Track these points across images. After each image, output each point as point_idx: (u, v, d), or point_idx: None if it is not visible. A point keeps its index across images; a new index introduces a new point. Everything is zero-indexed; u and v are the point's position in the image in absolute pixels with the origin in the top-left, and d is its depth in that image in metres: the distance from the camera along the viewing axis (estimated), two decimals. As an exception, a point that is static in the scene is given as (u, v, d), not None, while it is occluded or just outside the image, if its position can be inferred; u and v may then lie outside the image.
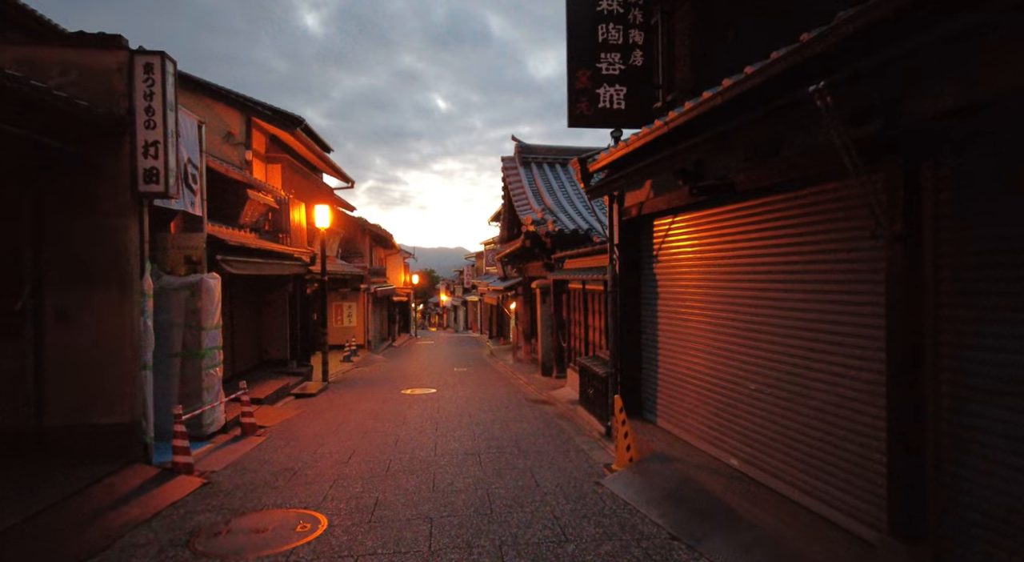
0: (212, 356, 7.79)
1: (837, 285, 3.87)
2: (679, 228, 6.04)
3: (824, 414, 3.96)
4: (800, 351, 4.23)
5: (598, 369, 7.71)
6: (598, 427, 7.65)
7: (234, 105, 13.25)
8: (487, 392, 11.59)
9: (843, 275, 3.81)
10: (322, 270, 13.47)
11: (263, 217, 11.06)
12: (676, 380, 6.14)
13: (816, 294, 4.06)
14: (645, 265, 6.87)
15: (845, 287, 3.79)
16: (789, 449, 4.34)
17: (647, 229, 6.77)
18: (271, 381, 11.57)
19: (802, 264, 4.21)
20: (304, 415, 9.59)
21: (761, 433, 4.68)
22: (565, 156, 16.47)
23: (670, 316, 6.28)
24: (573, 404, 9.47)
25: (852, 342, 3.72)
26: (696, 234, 5.72)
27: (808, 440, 4.12)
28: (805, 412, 4.16)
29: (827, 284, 3.96)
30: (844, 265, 3.80)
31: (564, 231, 11.99)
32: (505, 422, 8.43)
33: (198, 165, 7.57)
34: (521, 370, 15.39)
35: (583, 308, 10.19)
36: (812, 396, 4.09)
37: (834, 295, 3.89)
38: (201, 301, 7.57)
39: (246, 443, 7.76)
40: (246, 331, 12.35)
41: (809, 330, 4.14)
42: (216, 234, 8.33)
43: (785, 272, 4.40)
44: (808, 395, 4.13)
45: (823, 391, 3.97)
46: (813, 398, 4.08)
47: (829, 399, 3.91)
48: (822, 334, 4.00)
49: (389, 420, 8.87)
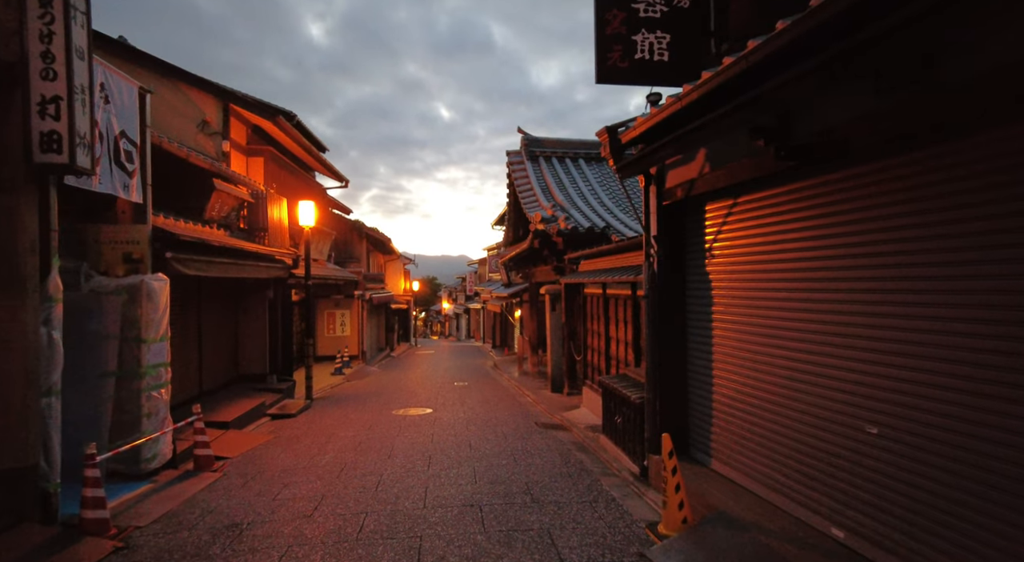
0: (156, 375, 6.36)
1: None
2: (745, 211, 4.60)
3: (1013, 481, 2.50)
4: (971, 384, 2.77)
5: (628, 392, 6.25)
6: (629, 465, 6.17)
7: (210, 91, 11.92)
8: (491, 413, 10.11)
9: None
10: (306, 273, 12.05)
11: (235, 212, 9.68)
12: (739, 411, 4.68)
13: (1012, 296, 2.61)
14: (693, 262, 5.43)
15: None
16: (942, 525, 2.87)
17: (696, 216, 5.33)
18: (244, 400, 10.12)
19: (990, 248, 2.74)
20: (276, 442, 8.13)
21: (890, 497, 3.21)
22: (576, 150, 15.08)
23: (730, 327, 4.83)
24: (593, 431, 7.99)
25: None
26: (772, 218, 4.27)
27: (984, 517, 2.65)
28: (976, 474, 2.70)
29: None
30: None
31: (578, 229, 10.56)
32: (513, 455, 6.95)
33: (136, 141, 6.17)
34: (527, 384, 13.91)
35: (603, 316, 8.73)
36: (996, 454, 2.63)
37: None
38: (142, 308, 6.16)
39: (196, 482, 6.31)
40: (218, 342, 10.93)
41: (991, 352, 2.68)
42: (166, 227, 6.92)
43: (947, 264, 2.94)
44: (986, 452, 2.67)
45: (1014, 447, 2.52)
46: (994, 457, 2.62)
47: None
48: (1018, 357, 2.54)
49: (374, 451, 7.41)
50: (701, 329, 5.30)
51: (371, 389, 13.85)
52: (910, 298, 3.12)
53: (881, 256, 3.30)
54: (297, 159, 16.20)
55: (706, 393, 5.18)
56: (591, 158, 15.02)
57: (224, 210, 9.34)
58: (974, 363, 2.75)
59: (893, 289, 3.22)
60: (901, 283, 3.17)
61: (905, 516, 3.12)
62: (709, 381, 5.13)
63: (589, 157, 15.03)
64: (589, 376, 9.67)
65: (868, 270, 3.39)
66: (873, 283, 3.36)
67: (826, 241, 3.73)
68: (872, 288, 3.37)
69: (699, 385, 5.32)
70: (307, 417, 10.10)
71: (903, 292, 3.16)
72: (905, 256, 3.15)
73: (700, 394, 5.30)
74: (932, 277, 2.99)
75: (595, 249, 8.44)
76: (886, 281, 3.27)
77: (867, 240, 3.39)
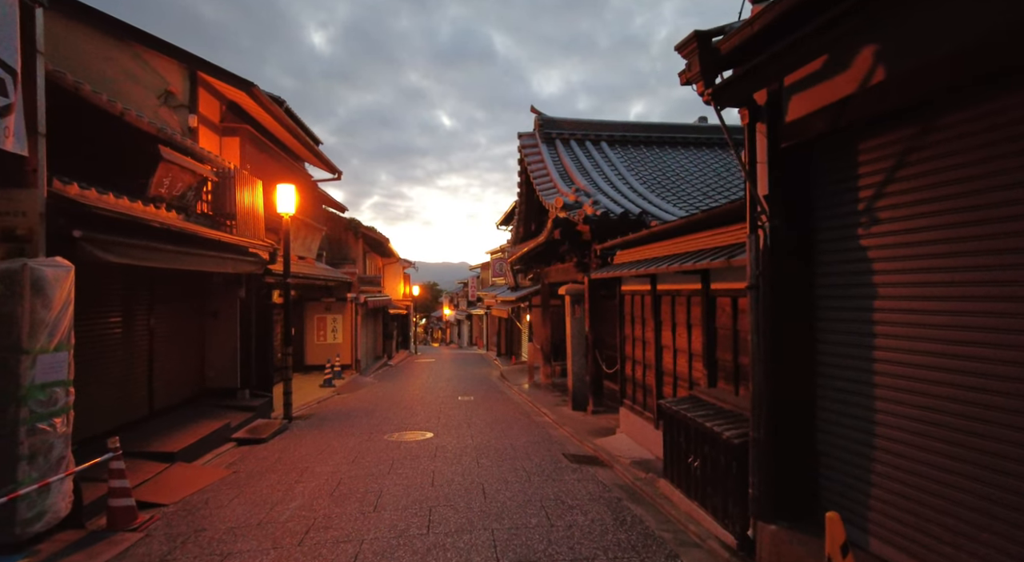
0: (48, 398, 4.55)
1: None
2: (952, 142, 2.78)
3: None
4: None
5: (711, 424, 4.40)
6: (716, 530, 4.32)
7: (174, 56, 10.16)
8: (505, 438, 8.26)
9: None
10: (284, 269, 10.23)
11: (192, 192, 7.87)
12: (931, 467, 2.84)
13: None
14: (830, 235, 3.61)
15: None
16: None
17: (842, 163, 3.51)
18: (204, 421, 8.27)
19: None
20: (233, 481, 6.29)
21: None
22: (598, 132, 13.28)
23: (914, 336, 3.00)
24: (643, 469, 6.14)
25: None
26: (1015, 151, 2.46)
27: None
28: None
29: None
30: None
31: (610, 215, 8.75)
32: (544, 508, 5.10)
33: (15, 68, 4.36)
34: (542, 399, 12.05)
35: (651, 319, 6.90)
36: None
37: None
38: (24, 304, 4.36)
39: (102, 550, 4.49)
40: (177, 352, 9.10)
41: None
42: (73, 196, 5.11)
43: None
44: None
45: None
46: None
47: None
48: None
49: (355, 498, 5.56)
50: (844, 336, 3.47)
51: (363, 404, 11.98)
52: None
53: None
54: (283, 145, 14.43)
55: (862, 435, 3.34)
56: (615, 141, 13.23)
57: (177, 188, 7.53)
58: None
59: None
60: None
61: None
62: (869, 417, 3.29)
63: (612, 140, 13.24)
64: (629, 394, 7.81)
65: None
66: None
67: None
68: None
69: (845, 422, 3.48)
70: (280, 442, 8.25)
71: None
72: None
73: (847, 435, 3.46)
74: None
75: (644, 232, 6.59)
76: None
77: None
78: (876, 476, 3.22)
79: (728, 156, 13.11)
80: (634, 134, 13.47)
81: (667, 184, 11.34)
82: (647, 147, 13.21)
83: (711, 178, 11.73)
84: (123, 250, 5.88)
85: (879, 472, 3.20)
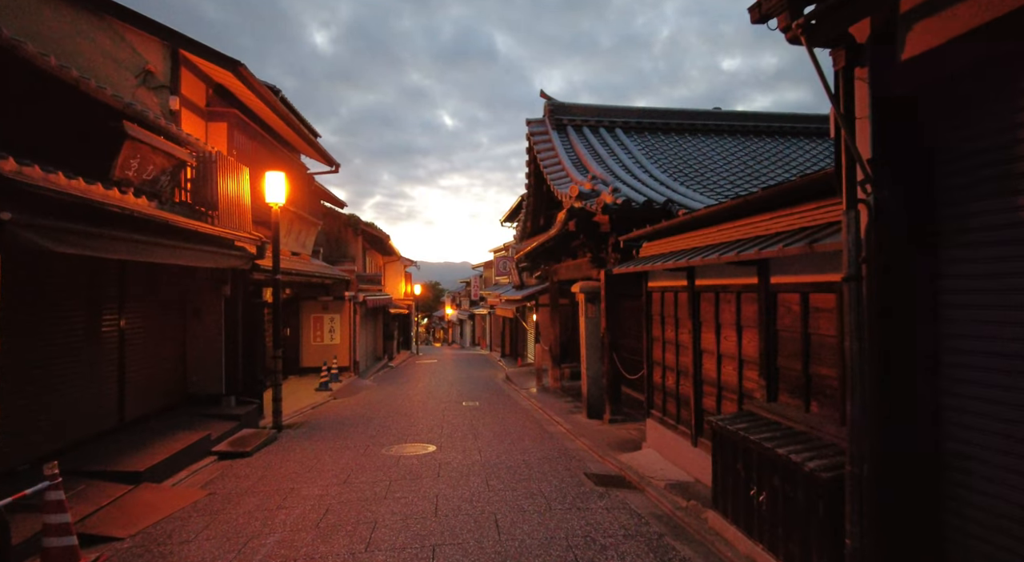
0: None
1: None
2: None
3: None
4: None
5: (784, 449, 3.54)
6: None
7: (154, 32, 9.33)
8: (516, 452, 7.40)
9: None
10: (275, 265, 9.38)
11: (167, 177, 7.02)
12: None
13: None
14: (960, 210, 2.74)
15: None
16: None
17: (977, 114, 2.64)
18: (181, 433, 7.42)
19: None
20: (206, 506, 5.43)
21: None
22: (613, 118, 12.39)
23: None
24: (682, 494, 5.27)
25: None
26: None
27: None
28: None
29: None
30: None
31: (632, 204, 7.88)
32: (569, 547, 4.24)
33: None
34: (552, 405, 11.19)
35: (686, 319, 6.03)
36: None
37: None
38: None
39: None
40: (153, 355, 8.26)
41: None
42: (7, 173, 4.25)
43: None
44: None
45: None
46: None
47: None
48: None
49: (344, 531, 4.70)
50: (983, 342, 2.61)
51: (360, 411, 11.13)
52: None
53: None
54: (276, 134, 13.59)
55: (1014, 472, 2.48)
56: (630, 127, 12.34)
57: (148, 171, 6.68)
58: None
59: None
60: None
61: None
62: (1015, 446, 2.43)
63: (628, 126, 12.35)
64: (659, 405, 6.93)
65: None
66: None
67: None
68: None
69: (987, 457, 2.62)
70: (266, 457, 7.40)
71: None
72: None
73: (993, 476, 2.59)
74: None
75: (683, 217, 5.69)
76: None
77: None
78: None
79: (752, 144, 12.23)
80: (651, 120, 12.59)
81: (690, 172, 10.46)
82: (665, 134, 12.32)
83: (736, 166, 10.86)
84: (77, 239, 5.03)
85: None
